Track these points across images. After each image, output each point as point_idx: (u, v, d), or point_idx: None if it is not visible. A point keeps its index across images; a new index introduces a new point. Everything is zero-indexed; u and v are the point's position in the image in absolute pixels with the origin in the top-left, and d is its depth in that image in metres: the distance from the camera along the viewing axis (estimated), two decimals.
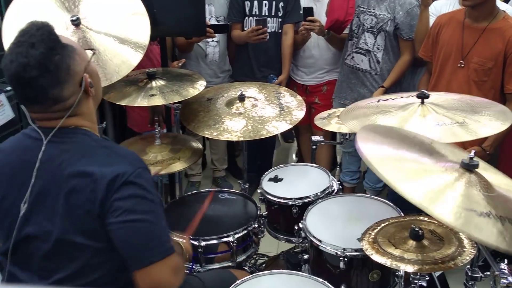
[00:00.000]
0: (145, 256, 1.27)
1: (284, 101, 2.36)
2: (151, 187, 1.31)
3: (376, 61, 2.97)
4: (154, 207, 1.30)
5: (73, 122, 1.33)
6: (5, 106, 2.58)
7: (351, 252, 1.71)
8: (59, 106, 1.29)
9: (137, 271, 1.28)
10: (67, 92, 1.29)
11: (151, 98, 2.19)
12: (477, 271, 1.53)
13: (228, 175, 3.88)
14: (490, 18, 2.40)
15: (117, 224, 1.25)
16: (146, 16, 2.06)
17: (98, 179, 1.25)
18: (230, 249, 1.97)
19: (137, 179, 1.27)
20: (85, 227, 1.27)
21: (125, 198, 1.25)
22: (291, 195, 2.10)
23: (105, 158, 1.30)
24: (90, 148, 1.32)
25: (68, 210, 1.27)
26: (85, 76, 1.32)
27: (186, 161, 2.24)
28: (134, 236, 1.27)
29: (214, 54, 3.27)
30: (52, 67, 1.24)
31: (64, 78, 1.27)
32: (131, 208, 1.25)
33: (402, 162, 1.27)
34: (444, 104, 1.67)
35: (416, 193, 1.15)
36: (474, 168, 1.30)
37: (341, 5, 2.85)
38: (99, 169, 1.26)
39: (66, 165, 1.28)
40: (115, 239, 1.27)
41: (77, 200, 1.26)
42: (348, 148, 3.24)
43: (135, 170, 1.28)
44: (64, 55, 1.27)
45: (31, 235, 1.31)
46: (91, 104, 1.38)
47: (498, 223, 1.14)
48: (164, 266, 1.28)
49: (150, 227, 1.28)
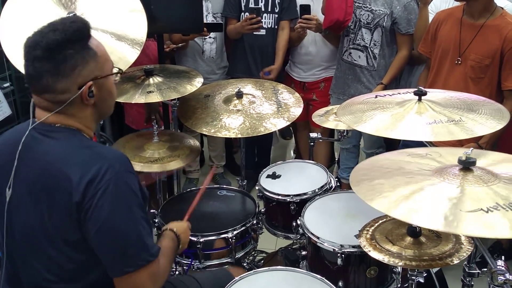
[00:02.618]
0: (122, 265, 1.25)
1: (281, 98, 2.36)
2: (130, 193, 1.26)
3: (373, 57, 2.97)
4: (133, 213, 1.26)
5: (62, 121, 1.31)
6: (2, 103, 2.57)
7: (348, 249, 1.72)
8: (48, 95, 1.28)
9: (115, 278, 1.27)
10: (60, 86, 1.26)
11: (149, 95, 2.18)
12: (474, 267, 1.54)
13: (226, 172, 3.89)
14: (488, 15, 2.40)
15: (93, 231, 1.23)
16: (143, 12, 2.05)
17: (76, 181, 1.22)
18: (228, 246, 1.98)
19: (117, 184, 1.23)
20: (64, 229, 1.25)
21: (102, 205, 1.21)
22: (289, 191, 2.10)
23: (86, 159, 1.26)
24: (73, 148, 1.29)
25: (47, 209, 1.25)
26: (88, 84, 1.29)
27: (184, 159, 2.23)
28: (110, 244, 1.24)
29: (211, 50, 3.26)
30: (59, 57, 1.25)
31: (66, 72, 1.26)
32: (107, 217, 1.22)
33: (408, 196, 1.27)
34: (441, 101, 1.67)
35: (432, 220, 1.16)
36: (472, 165, 1.31)
37: (339, 5, 2.83)
38: (78, 170, 1.23)
39: (47, 164, 1.26)
40: (92, 245, 1.25)
41: (56, 202, 1.24)
42: (346, 144, 3.24)
43: (116, 173, 1.24)
44: (78, 54, 1.27)
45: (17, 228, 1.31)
46: (87, 112, 1.34)
47: (508, 212, 1.14)
48: (142, 274, 1.26)
49: (128, 235, 1.25)
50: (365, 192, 1.31)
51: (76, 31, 1.27)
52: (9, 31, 1.94)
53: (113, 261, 1.26)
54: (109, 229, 1.23)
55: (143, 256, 1.27)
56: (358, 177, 1.40)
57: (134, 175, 1.30)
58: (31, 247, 1.31)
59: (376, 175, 1.39)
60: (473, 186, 1.25)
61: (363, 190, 1.32)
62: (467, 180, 1.28)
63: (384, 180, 1.35)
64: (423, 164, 1.42)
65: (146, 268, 1.27)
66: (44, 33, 1.26)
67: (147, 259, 1.28)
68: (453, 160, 1.37)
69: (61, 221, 1.25)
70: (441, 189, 1.26)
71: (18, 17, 1.96)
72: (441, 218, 1.15)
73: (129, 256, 1.25)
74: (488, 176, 1.29)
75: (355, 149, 3.32)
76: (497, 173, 1.31)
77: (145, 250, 1.28)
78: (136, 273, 1.26)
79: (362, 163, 1.53)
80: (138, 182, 1.31)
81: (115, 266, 1.26)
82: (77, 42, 1.27)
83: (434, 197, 1.24)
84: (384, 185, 1.32)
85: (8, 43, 1.93)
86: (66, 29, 1.26)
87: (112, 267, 1.27)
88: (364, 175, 1.41)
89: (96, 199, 1.21)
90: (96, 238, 1.24)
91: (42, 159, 1.28)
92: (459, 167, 1.32)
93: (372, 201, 1.26)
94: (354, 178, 1.40)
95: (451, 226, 1.13)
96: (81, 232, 1.25)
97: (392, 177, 1.36)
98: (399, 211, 1.21)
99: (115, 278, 1.28)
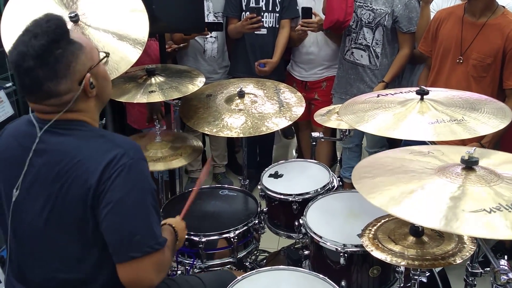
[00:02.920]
0: (129, 249, 1.25)
1: (283, 98, 2.36)
2: (144, 179, 1.28)
3: (375, 56, 2.97)
4: (145, 199, 1.27)
5: (70, 116, 1.32)
6: (5, 103, 2.57)
7: (351, 248, 1.72)
8: (53, 100, 1.28)
9: (119, 264, 1.26)
10: (63, 88, 1.26)
11: (151, 95, 2.18)
12: (477, 267, 1.54)
13: (228, 172, 3.88)
14: (489, 14, 2.40)
15: (104, 213, 1.23)
16: (145, 12, 2.05)
17: (92, 168, 1.23)
18: (231, 245, 1.98)
19: (131, 169, 1.25)
20: (76, 216, 1.26)
21: (115, 188, 1.23)
22: (291, 191, 2.10)
23: (101, 147, 1.27)
24: (86, 138, 1.30)
25: (61, 200, 1.26)
26: (87, 76, 1.29)
27: (187, 157, 2.23)
28: (119, 228, 1.24)
29: (212, 50, 3.26)
30: (51, 60, 1.23)
31: (63, 73, 1.25)
32: (120, 199, 1.23)
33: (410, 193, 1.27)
34: (444, 101, 1.66)
35: (434, 220, 1.16)
36: (475, 164, 1.30)
37: (339, 5, 2.84)
38: (94, 158, 1.24)
39: (62, 154, 1.27)
40: (101, 229, 1.25)
41: (71, 190, 1.25)
42: (348, 144, 3.24)
43: (131, 158, 1.25)
44: (67, 51, 1.26)
45: (25, 222, 1.32)
46: (91, 104, 1.36)
47: (510, 213, 1.14)
48: (147, 262, 1.26)
49: (138, 219, 1.25)
50: (366, 189, 1.31)
51: (57, 29, 1.25)
52: (11, 31, 1.94)
53: (120, 245, 1.25)
54: (119, 211, 1.23)
55: (150, 243, 1.27)
56: (360, 175, 1.40)
57: (146, 163, 1.32)
58: (41, 239, 1.31)
59: (378, 173, 1.39)
60: (476, 186, 1.25)
61: (365, 187, 1.32)
62: (470, 179, 1.27)
63: (386, 178, 1.34)
64: (425, 162, 1.41)
65: (152, 256, 1.26)
66: (26, 42, 1.23)
67: (154, 247, 1.27)
68: (456, 159, 1.37)
69: (75, 210, 1.25)
70: (443, 188, 1.26)
71: (20, 17, 1.96)
72: (443, 218, 1.15)
73: (136, 241, 1.25)
74: (491, 176, 1.29)
75: (358, 148, 3.31)
76: (500, 173, 1.31)
77: (153, 238, 1.28)
78: (142, 259, 1.25)
79: (364, 161, 1.53)
80: (149, 171, 1.32)
81: (121, 250, 1.25)
82: (61, 40, 1.25)
83: (436, 196, 1.23)
84: (386, 183, 1.31)
85: (10, 43, 1.92)
86: (46, 30, 1.24)
87: (118, 251, 1.26)
88: (366, 172, 1.41)
89: (111, 181, 1.23)
90: (106, 220, 1.24)
91: (56, 150, 1.28)
92: (462, 166, 1.32)
93: (373, 198, 1.26)
94: (356, 176, 1.40)
95: (453, 226, 1.13)
96: (94, 219, 1.25)
97: (394, 175, 1.36)
98: (401, 209, 1.21)
99: (119, 264, 1.27)
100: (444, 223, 1.13)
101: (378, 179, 1.35)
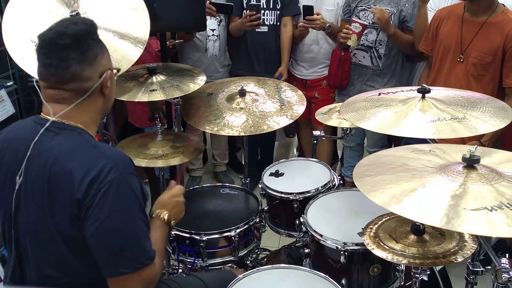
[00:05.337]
0: (118, 266, 1.25)
1: (284, 96, 2.36)
2: (132, 195, 1.26)
3: (377, 57, 2.97)
4: (133, 216, 1.26)
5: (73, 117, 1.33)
6: (6, 102, 2.58)
7: (352, 247, 1.72)
8: (73, 85, 1.31)
9: (108, 278, 1.27)
10: (87, 74, 1.31)
11: (152, 93, 2.18)
12: (478, 265, 1.53)
13: (229, 170, 3.89)
14: (489, 12, 2.40)
15: (92, 230, 1.23)
16: (146, 11, 2.05)
17: (78, 178, 1.23)
18: (232, 244, 1.98)
19: (119, 185, 1.24)
20: (64, 225, 1.26)
21: (103, 205, 1.22)
22: (292, 189, 2.10)
23: (90, 157, 1.27)
24: (78, 146, 1.30)
25: (50, 207, 1.26)
26: (108, 72, 1.36)
27: (188, 155, 2.24)
28: (107, 244, 1.24)
29: (214, 48, 3.26)
30: (84, 45, 1.31)
31: (90, 60, 1.31)
32: (107, 217, 1.22)
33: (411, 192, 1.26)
34: (445, 99, 1.67)
35: (433, 217, 1.16)
36: (476, 163, 1.30)
37: (336, 72, 3.03)
38: (82, 168, 1.24)
39: (52, 161, 1.27)
40: (89, 244, 1.25)
41: (58, 199, 1.25)
42: (350, 142, 3.24)
43: (119, 173, 1.25)
44: (98, 44, 1.35)
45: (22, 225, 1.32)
46: (99, 104, 1.39)
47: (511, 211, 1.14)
48: (136, 278, 1.26)
49: (126, 237, 1.25)
50: (368, 187, 1.31)
51: (92, 24, 1.36)
52: (12, 30, 1.94)
53: (108, 261, 1.26)
54: (107, 229, 1.23)
55: (140, 259, 1.27)
56: (362, 173, 1.41)
57: (136, 177, 1.31)
58: (34, 243, 1.32)
59: (379, 171, 1.39)
60: (477, 184, 1.25)
61: (366, 185, 1.33)
62: (471, 178, 1.28)
63: (387, 176, 1.35)
64: (426, 161, 1.41)
65: (141, 271, 1.27)
66: (65, 25, 1.31)
67: (144, 262, 1.27)
68: (457, 157, 1.37)
69: (61, 217, 1.25)
70: (444, 186, 1.26)
71: (21, 16, 1.96)
72: (444, 216, 1.15)
73: (125, 257, 1.25)
74: (492, 175, 1.29)
75: (359, 147, 3.31)
76: (501, 171, 1.31)
77: (142, 254, 1.28)
78: (131, 275, 1.25)
79: (366, 159, 1.53)
80: (139, 183, 1.31)
81: (110, 267, 1.26)
82: (95, 34, 1.36)
83: (437, 194, 1.23)
84: (387, 181, 1.31)
85: (12, 41, 1.94)
86: (84, 22, 1.35)
87: (107, 267, 1.27)
88: (367, 170, 1.41)
89: (98, 198, 1.22)
90: (94, 237, 1.24)
91: (47, 155, 1.28)
92: (463, 165, 1.32)
93: (374, 196, 1.26)
94: (357, 174, 1.41)
95: (455, 224, 1.13)
96: (79, 230, 1.25)
97: (396, 173, 1.36)
98: (402, 207, 1.21)
99: (108, 278, 1.27)
100: (445, 221, 1.14)
101: (379, 177, 1.35)
